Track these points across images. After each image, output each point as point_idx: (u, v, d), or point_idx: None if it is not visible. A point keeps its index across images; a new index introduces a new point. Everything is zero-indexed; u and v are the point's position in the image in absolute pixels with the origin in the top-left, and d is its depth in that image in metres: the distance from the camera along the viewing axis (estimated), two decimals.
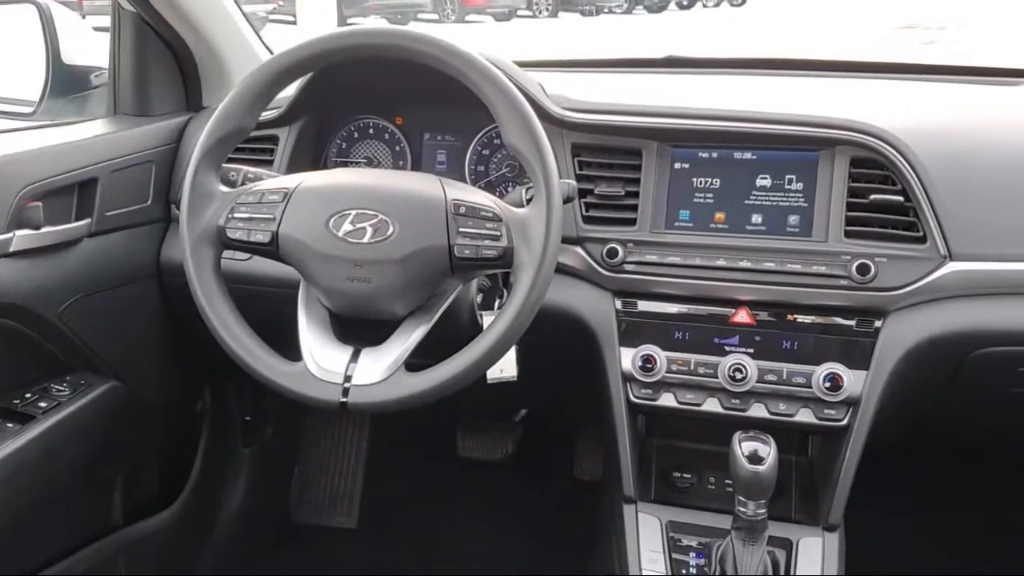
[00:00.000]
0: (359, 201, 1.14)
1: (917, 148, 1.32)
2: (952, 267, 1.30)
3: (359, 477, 2.27)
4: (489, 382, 1.35)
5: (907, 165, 1.31)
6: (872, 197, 1.33)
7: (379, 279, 1.13)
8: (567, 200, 1.25)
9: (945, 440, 1.74)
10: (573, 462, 2.21)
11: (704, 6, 19.65)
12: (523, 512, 2.17)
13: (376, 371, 1.13)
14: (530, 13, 17.65)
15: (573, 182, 1.29)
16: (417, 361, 1.15)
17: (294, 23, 12.98)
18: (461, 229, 1.12)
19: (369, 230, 1.13)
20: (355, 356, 1.15)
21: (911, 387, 1.35)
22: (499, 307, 1.34)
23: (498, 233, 1.12)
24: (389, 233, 1.12)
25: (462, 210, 1.13)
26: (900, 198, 1.32)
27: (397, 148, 1.62)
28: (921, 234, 1.31)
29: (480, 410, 2.22)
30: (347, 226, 1.13)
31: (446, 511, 2.22)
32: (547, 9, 17.88)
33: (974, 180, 1.34)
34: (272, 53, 1.22)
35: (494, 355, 1.13)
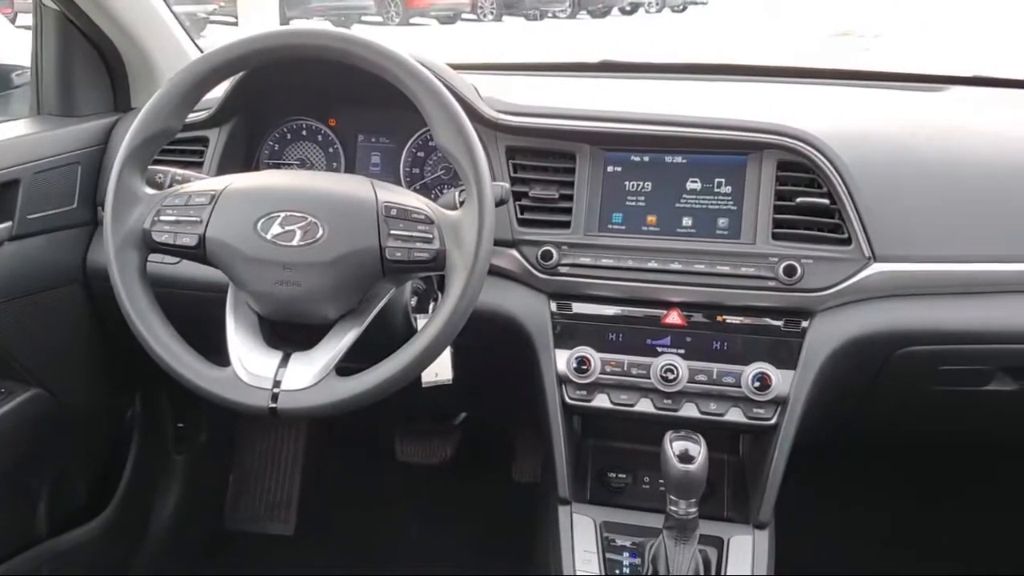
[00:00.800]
0: (288, 203, 1.13)
1: (842, 152, 1.35)
2: (876, 268, 1.33)
3: (296, 483, 2.24)
4: (424, 386, 1.35)
5: (832, 168, 1.34)
6: (798, 200, 1.35)
7: (309, 282, 1.12)
8: (500, 202, 1.26)
9: (873, 439, 1.78)
10: (512, 464, 2.22)
11: (647, 12, 19.86)
12: (462, 515, 2.17)
13: (306, 376, 1.12)
14: (474, 16, 17.63)
15: (506, 184, 1.30)
16: (350, 365, 1.14)
17: (236, 24, 12.77)
18: (392, 231, 1.12)
19: (298, 232, 1.11)
20: (285, 361, 1.14)
21: (838, 386, 1.38)
22: (433, 310, 1.33)
23: (430, 236, 1.12)
24: (319, 235, 1.11)
25: (393, 212, 1.12)
26: (825, 201, 1.34)
27: (330, 150, 1.60)
28: (846, 236, 1.34)
29: (418, 414, 2.21)
30: (276, 228, 1.12)
31: (385, 516, 2.20)
32: (491, 13, 17.87)
33: (897, 183, 1.38)
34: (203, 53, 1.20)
35: (426, 359, 1.13)
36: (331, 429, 2.26)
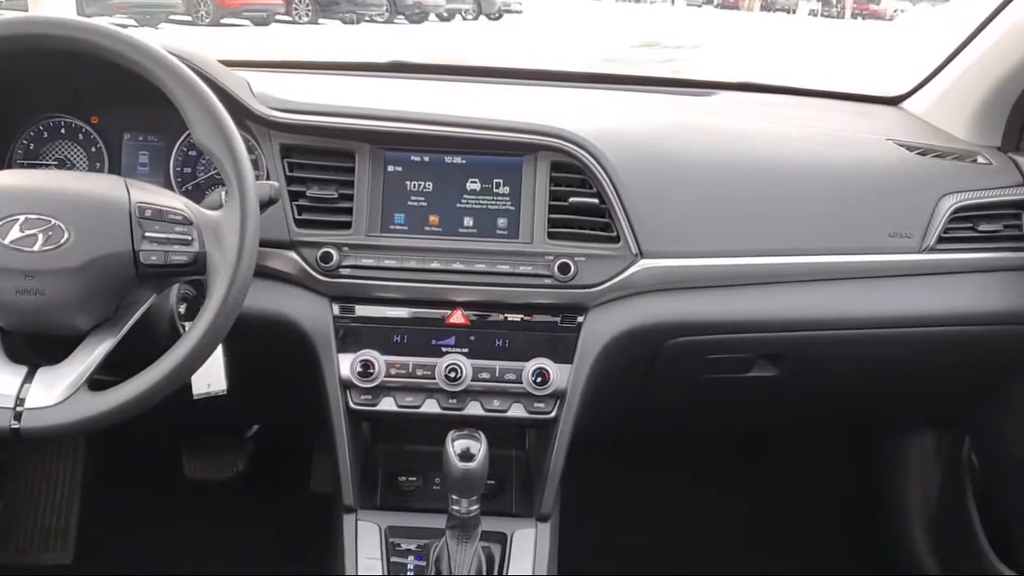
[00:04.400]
0: (28, 205, 1.05)
1: (610, 153, 1.40)
2: (643, 264, 1.39)
3: (74, 508, 2.08)
4: (196, 397, 1.29)
5: (600, 169, 1.38)
6: (571, 200, 1.39)
7: (53, 291, 1.05)
8: (270, 202, 1.23)
9: (653, 428, 1.86)
10: (311, 474, 2.16)
11: (463, 18, 20.11)
12: (259, 530, 2.09)
13: (54, 392, 1.04)
14: (289, 18, 17.22)
15: (275, 183, 1.26)
16: (110, 378, 1.08)
17: None
18: (147, 234, 1.07)
19: (40, 237, 1.04)
20: (30, 376, 1.06)
21: (613, 378, 1.43)
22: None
23: (189, 238, 1.08)
24: (63, 240, 1.04)
25: (148, 213, 1.07)
26: (595, 200, 1.39)
27: (93, 149, 1.49)
28: (615, 234, 1.39)
29: (205, 428, 2.10)
30: (15, 233, 1.04)
31: (175, 537, 2.08)
32: (307, 15, 17.51)
33: (663, 183, 1.44)
34: None
35: (187, 369, 1.08)
36: (113, 447, 2.12)
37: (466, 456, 1.22)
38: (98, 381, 1.07)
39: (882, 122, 1.77)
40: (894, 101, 1.85)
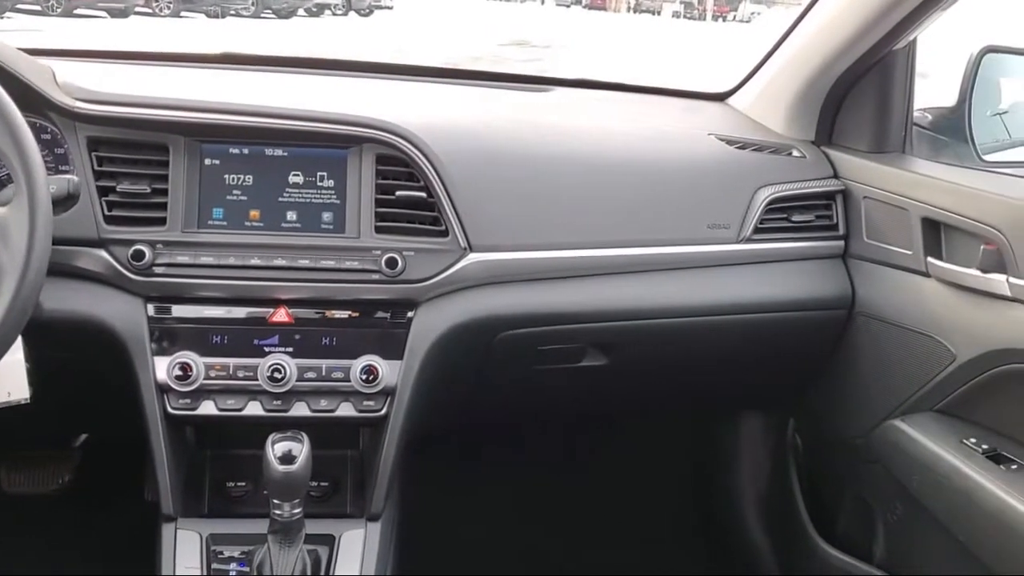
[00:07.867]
0: None
1: (437, 147, 1.39)
2: (472, 258, 1.39)
3: None
4: None
5: (426, 162, 1.37)
6: (398, 193, 1.37)
7: None
8: (68, 197, 1.18)
9: (491, 421, 1.87)
10: (144, 483, 2.06)
11: (333, 14, 19.81)
12: (86, 545, 1.97)
13: None
14: (149, 11, 16.49)
15: (74, 177, 1.21)
16: None
17: None
18: None
19: None
20: None
21: (446, 373, 1.42)
22: None
23: None
24: None
25: None
26: (423, 194, 1.38)
27: None
28: (443, 228, 1.38)
29: (23, 440, 1.98)
30: None
31: None
32: (168, 7, 16.82)
33: (491, 177, 1.45)
34: None
35: None
36: None
37: (287, 459, 1.19)
38: None
39: (707, 117, 1.83)
40: (721, 97, 1.91)
